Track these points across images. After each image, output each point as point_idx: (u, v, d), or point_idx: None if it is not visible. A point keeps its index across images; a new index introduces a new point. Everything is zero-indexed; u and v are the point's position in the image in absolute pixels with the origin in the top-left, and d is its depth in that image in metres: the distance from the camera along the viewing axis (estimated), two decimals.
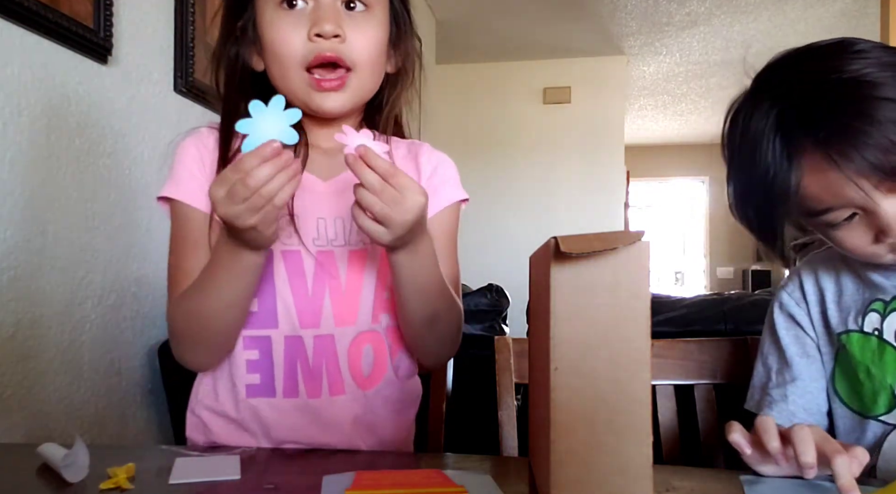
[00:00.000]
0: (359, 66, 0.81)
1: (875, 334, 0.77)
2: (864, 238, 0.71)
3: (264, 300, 0.84)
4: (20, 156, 1.25)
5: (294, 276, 0.84)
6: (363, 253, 0.86)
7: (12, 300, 1.24)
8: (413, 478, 0.64)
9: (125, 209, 1.55)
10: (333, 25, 0.78)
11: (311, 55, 0.79)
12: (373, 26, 0.82)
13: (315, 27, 0.78)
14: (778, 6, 3.81)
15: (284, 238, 0.83)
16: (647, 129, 6.83)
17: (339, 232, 0.85)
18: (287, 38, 0.79)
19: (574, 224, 4.61)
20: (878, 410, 0.76)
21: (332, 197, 0.86)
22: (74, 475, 0.65)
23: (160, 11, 1.68)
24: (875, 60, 0.68)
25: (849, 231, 0.72)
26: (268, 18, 0.81)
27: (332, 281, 0.85)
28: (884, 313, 0.77)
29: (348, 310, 0.85)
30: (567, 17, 4.04)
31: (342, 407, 0.85)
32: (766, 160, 0.70)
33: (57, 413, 1.34)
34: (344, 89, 0.81)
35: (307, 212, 0.84)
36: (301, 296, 0.84)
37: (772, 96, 0.73)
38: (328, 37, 0.78)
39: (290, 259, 0.84)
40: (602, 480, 0.51)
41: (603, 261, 0.51)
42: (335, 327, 0.84)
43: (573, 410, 0.51)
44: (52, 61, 1.33)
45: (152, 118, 1.64)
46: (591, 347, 0.51)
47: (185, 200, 0.83)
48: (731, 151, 0.77)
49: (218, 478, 0.66)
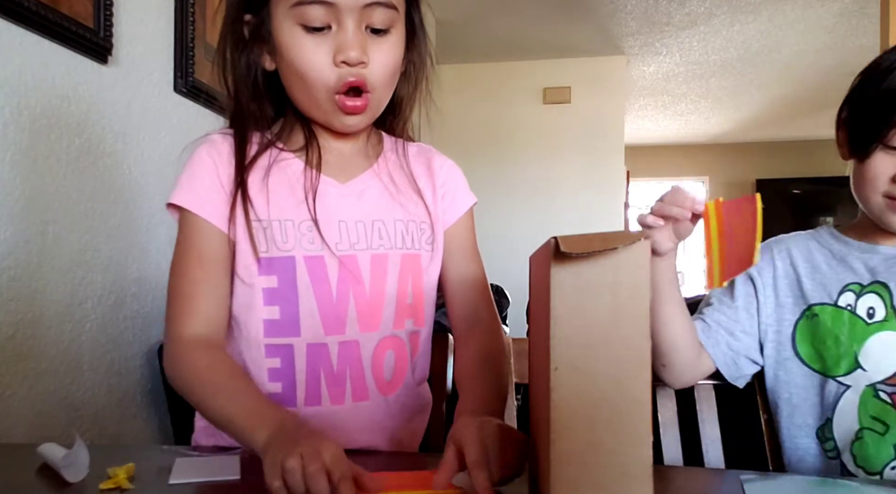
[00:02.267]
0: (379, 87, 0.82)
1: (848, 308, 0.91)
2: (888, 170, 0.86)
3: (286, 307, 0.83)
4: (20, 156, 1.25)
5: (318, 282, 0.83)
6: (385, 256, 0.85)
7: (12, 300, 1.24)
8: (412, 480, 0.64)
9: (125, 209, 1.55)
10: (359, 52, 0.77)
11: (340, 82, 0.78)
12: (393, 46, 0.82)
13: (341, 54, 0.77)
14: (777, 6, 3.81)
15: (306, 243, 0.82)
16: (647, 129, 6.83)
17: (362, 235, 0.85)
18: (314, 64, 0.78)
19: (574, 224, 4.61)
20: (839, 371, 0.90)
21: (352, 199, 0.86)
22: (74, 475, 0.65)
23: (160, 11, 1.68)
24: None
25: (887, 158, 0.86)
26: (288, 34, 0.79)
27: (356, 286, 0.84)
28: (859, 293, 0.91)
29: (373, 315, 0.85)
30: (567, 17, 4.03)
31: (365, 413, 0.85)
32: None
33: (57, 412, 1.34)
34: (365, 112, 0.82)
35: (328, 216, 0.84)
36: (326, 302, 0.83)
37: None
38: (354, 64, 0.78)
39: (312, 264, 0.83)
40: (602, 480, 0.51)
41: (603, 261, 0.51)
42: (360, 332, 0.84)
43: (573, 410, 0.51)
44: (52, 61, 1.33)
45: (152, 118, 1.64)
46: (592, 347, 0.51)
47: (199, 213, 0.82)
48: (877, 65, 0.89)
49: (218, 478, 0.66)
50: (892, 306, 0.89)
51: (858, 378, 0.88)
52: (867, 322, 0.89)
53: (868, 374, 0.88)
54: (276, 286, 0.82)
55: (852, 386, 0.89)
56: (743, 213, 0.71)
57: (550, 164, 4.79)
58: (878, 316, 0.89)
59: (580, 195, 4.76)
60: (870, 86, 0.89)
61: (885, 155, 0.86)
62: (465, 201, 0.94)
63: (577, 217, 4.70)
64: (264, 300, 0.83)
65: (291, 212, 0.83)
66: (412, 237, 0.88)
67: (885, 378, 0.87)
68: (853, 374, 0.89)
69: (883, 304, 0.89)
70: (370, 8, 0.78)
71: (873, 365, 0.88)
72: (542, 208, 4.77)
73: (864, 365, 0.88)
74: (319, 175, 0.85)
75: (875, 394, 0.87)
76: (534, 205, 4.78)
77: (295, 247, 0.82)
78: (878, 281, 0.90)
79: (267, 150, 0.86)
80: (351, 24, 0.78)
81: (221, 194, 0.82)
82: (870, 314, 0.89)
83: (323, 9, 0.77)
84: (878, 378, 0.87)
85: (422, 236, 0.89)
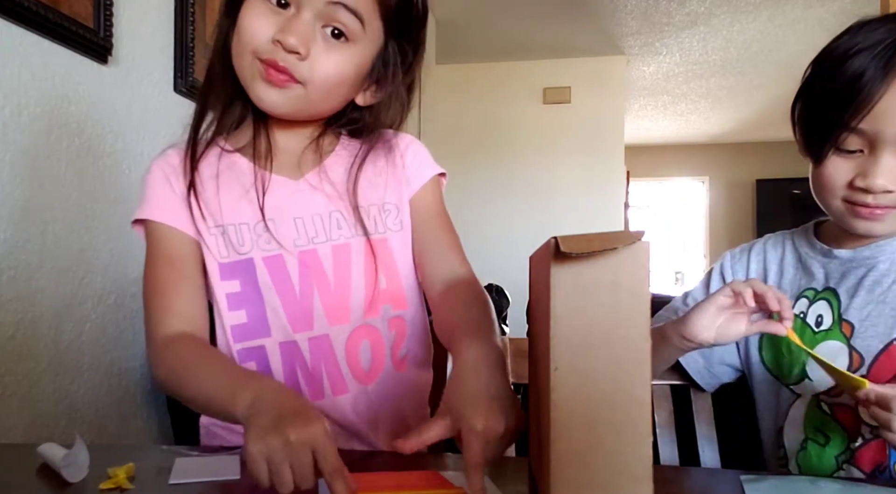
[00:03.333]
0: (310, 85, 0.78)
1: (801, 316, 0.88)
2: (845, 175, 0.81)
3: (252, 309, 0.83)
4: (20, 156, 1.25)
5: (279, 281, 0.82)
6: (347, 246, 0.84)
7: (12, 300, 1.24)
8: (411, 480, 0.64)
9: (125, 209, 1.55)
10: (298, 40, 0.74)
11: (266, 55, 0.76)
12: (344, 57, 0.78)
13: (281, 34, 0.75)
14: (778, 6, 3.81)
15: (263, 244, 0.82)
16: (646, 129, 6.83)
17: (320, 228, 0.84)
18: (254, 28, 0.76)
19: (574, 224, 4.61)
20: (791, 380, 0.89)
21: (306, 194, 0.85)
22: (74, 475, 0.65)
23: (160, 11, 1.68)
24: None
25: (844, 162, 0.81)
26: (249, 3, 0.78)
27: (319, 281, 0.83)
28: (812, 300, 0.88)
29: (340, 308, 0.84)
30: (567, 17, 4.04)
31: (346, 405, 0.85)
32: (864, 67, 0.77)
33: (57, 413, 1.34)
34: (285, 91, 0.77)
35: (283, 214, 0.83)
36: (289, 301, 0.82)
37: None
38: (288, 49, 0.75)
39: (272, 264, 0.82)
40: (602, 480, 0.51)
41: (603, 261, 0.51)
42: (329, 326, 0.84)
43: (573, 410, 0.51)
44: (52, 61, 1.33)
45: (152, 118, 1.64)
46: (592, 347, 0.51)
47: (160, 219, 0.82)
48: (826, 56, 0.83)
49: (218, 478, 0.66)
50: (839, 314, 0.85)
51: (806, 387, 0.87)
52: (815, 330, 0.86)
53: (814, 384, 0.86)
54: (238, 290, 0.83)
55: (801, 395, 0.87)
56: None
57: (550, 164, 4.79)
58: (825, 324, 0.86)
59: (580, 195, 4.76)
60: (819, 81, 0.83)
61: (840, 159, 0.81)
62: (429, 171, 0.91)
63: (577, 217, 4.70)
64: (229, 305, 0.83)
65: (245, 214, 0.83)
66: (374, 221, 0.86)
67: (827, 389, 0.85)
68: (802, 384, 0.87)
69: (831, 312, 0.86)
70: (333, 7, 0.76)
71: (818, 376, 0.85)
72: (541, 208, 4.77)
73: (811, 374, 0.86)
74: (270, 174, 0.84)
75: (818, 405, 0.85)
76: (533, 205, 4.78)
77: (252, 248, 0.82)
78: (829, 288, 0.87)
79: (211, 149, 0.85)
80: (308, 14, 0.76)
81: (178, 201, 0.83)
82: (818, 322, 0.87)
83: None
84: (821, 388, 0.85)
85: (387, 217, 0.87)
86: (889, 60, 0.76)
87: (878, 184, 0.78)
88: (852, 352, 0.83)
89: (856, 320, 0.84)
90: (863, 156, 0.80)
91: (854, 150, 0.80)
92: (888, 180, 0.78)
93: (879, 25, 0.79)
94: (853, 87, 0.77)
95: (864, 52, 0.77)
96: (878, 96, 0.75)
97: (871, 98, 0.76)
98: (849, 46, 0.79)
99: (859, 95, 0.76)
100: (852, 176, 0.80)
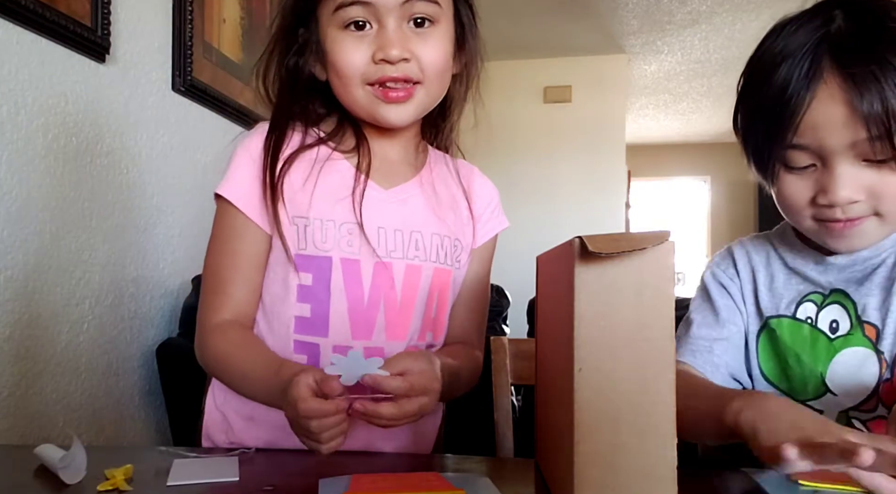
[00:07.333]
0: (427, 79, 0.82)
1: (808, 322, 0.80)
2: (804, 193, 0.74)
3: (317, 306, 0.83)
4: (17, 156, 1.25)
5: (351, 285, 0.83)
6: (419, 268, 0.86)
7: (9, 300, 1.23)
8: (411, 481, 0.63)
9: (123, 208, 1.54)
10: (399, 50, 0.78)
11: (376, 76, 0.79)
12: (440, 39, 0.82)
13: (380, 52, 0.78)
14: (779, 4, 3.77)
15: (345, 245, 0.82)
16: (648, 128, 6.83)
17: (399, 243, 0.85)
18: (353, 60, 0.79)
19: (574, 224, 4.60)
20: (807, 396, 0.79)
21: (393, 206, 0.86)
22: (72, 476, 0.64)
23: (158, 10, 1.67)
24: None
25: (798, 180, 0.74)
26: (332, 38, 0.81)
27: (388, 294, 0.84)
28: (820, 305, 0.80)
29: (401, 325, 0.85)
30: (568, 16, 4.03)
31: None
32: (789, 77, 0.71)
33: (54, 414, 1.34)
34: (410, 101, 0.81)
35: (369, 221, 0.84)
36: (356, 306, 0.83)
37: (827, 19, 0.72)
38: (395, 61, 0.78)
39: (348, 267, 0.83)
40: (626, 482, 0.51)
41: (628, 261, 0.50)
42: (386, 341, 0.84)
43: (597, 411, 0.51)
44: (50, 60, 1.33)
45: (150, 117, 1.64)
46: (616, 348, 0.51)
47: (240, 208, 0.83)
48: (754, 66, 0.78)
49: (216, 480, 0.66)
50: (857, 317, 0.77)
51: (829, 403, 0.77)
52: (830, 337, 0.78)
53: (838, 400, 0.77)
54: (310, 284, 0.83)
55: (824, 411, 0.78)
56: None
57: (551, 164, 4.79)
58: (841, 329, 0.78)
59: (581, 195, 4.76)
60: (752, 90, 0.78)
61: (793, 177, 0.74)
62: (498, 226, 0.96)
63: (578, 216, 4.70)
64: (298, 296, 0.84)
65: (333, 212, 0.83)
66: (446, 252, 0.88)
67: (858, 404, 0.76)
68: (822, 399, 0.78)
69: (847, 316, 0.78)
70: (409, 3, 0.79)
71: (842, 390, 0.76)
72: (542, 208, 4.76)
73: (833, 388, 0.77)
74: (368, 179, 0.85)
75: (848, 422, 0.76)
76: (534, 205, 4.78)
77: (333, 247, 0.82)
78: (837, 290, 0.79)
79: (317, 146, 0.86)
80: (391, 21, 0.78)
81: (257, 185, 0.83)
82: (833, 328, 0.79)
83: (361, 8, 0.78)
84: (849, 404, 0.76)
85: (454, 252, 0.90)
86: (810, 67, 0.70)
87: (842, 196, 0.71)
88: (881, 358, 0.76)
89: (878, 321, 0.77)
90: (817, 170, 0.73)
91: (805, 166, 0.73)
92: (851, 190, 0.71)
93: (798, 26, 0.73)
94: (780, 101, 0.71)
95: (788, 59, 0.72)
96: (804, 108, 0.70)
97: (797, 111, 0.70)
98: (774, 53, 0.74)
99: (787, 109, 0.71)
100: (812, 193, 0.73)
